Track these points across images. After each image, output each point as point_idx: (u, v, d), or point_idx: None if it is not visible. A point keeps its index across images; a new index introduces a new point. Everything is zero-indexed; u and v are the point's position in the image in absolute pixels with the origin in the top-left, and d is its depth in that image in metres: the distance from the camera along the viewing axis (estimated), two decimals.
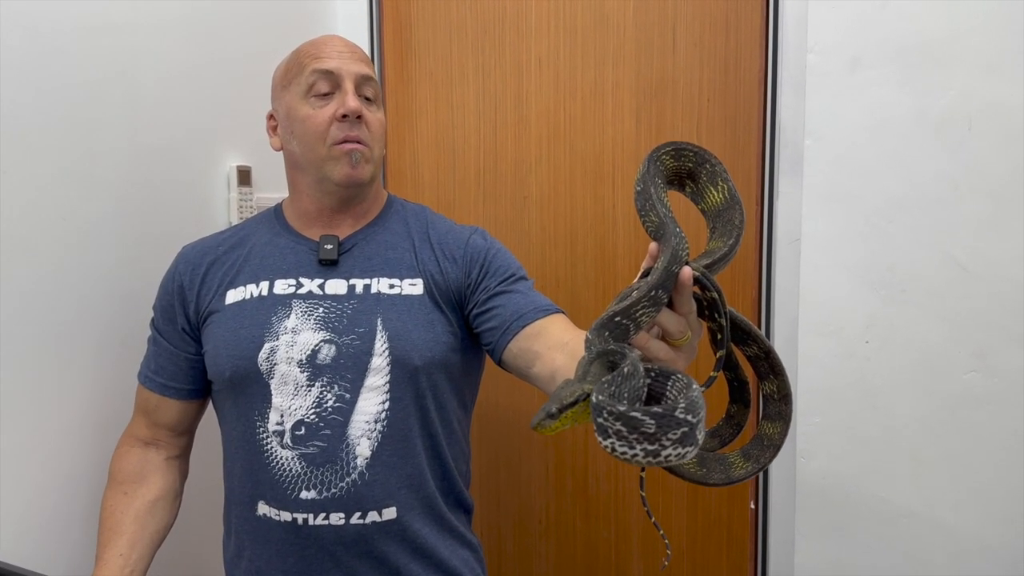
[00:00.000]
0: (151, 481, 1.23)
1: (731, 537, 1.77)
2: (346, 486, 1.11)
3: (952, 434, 1.45)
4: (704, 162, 0.85)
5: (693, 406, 0.63)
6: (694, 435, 0.63)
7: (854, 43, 1.46)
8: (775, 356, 0.91)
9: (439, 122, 1.87)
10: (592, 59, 1.78)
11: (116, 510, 1.19)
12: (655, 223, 0.79)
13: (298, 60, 1.20)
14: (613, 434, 0.64)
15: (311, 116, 1.16)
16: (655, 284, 0.73)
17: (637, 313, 0.74)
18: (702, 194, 0.86)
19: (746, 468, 0.93)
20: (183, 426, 1.27)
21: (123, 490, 1.21)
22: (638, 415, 0.62)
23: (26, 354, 1.13)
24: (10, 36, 1.09)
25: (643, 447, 0.63)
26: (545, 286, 1.83)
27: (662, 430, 0.62)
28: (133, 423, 1.27)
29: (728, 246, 0.81)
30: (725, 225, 0.83)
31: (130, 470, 1.22)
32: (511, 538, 1.91)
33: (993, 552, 1.42)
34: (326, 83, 1.17)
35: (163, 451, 1.26)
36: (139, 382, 1.25)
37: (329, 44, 1.20)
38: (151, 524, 1.20)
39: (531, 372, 1.09)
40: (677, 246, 0.74)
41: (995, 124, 1.38)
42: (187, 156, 1.47)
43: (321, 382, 1.12)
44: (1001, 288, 1.39)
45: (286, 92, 1.20)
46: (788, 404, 0.92)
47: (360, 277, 1.18)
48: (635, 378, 0.69)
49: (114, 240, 1.29)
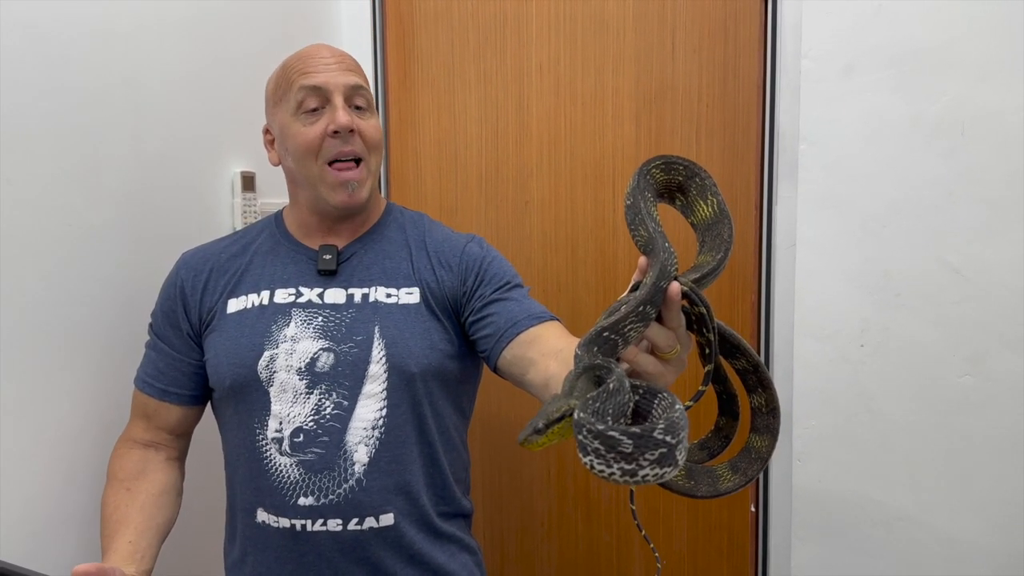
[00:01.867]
0: (153, 476, 1.23)
1: (732, 540, 1.80)
2: (344, 492, 1.13)
3: (946, 438, 1.47)
4: (694, 176, 0.86)
5: (673, 427, 0.64)
6: (673, 456, 0.64)
7: (848, 49, 1.49)
8: (763, 370, 0.92)
9: (441, 128, 1.92)
10: (592, 65, 1.82)
11: (120, 504, 1.18)
12: (644, 238, 0.80)
13: (286, 76, 1.21)
14: (592, 452, 0.65)
15: (302, 133, 1.18)
16: (643, 299, 0.75)
17: (625, 328, 0.76)
18: (692, 208, 0.87)
19: (734, 481, 0.95)
20: (182, 429, 1.29)
21: (125, 487, 1.21)
22: (615, 434, 0.63)
23: (31, 357, 1.16)
24: (15, 42, 1.12)
25: (620, 466, 0.64)
26: (546, 290, 1.88)
27: (639, 450, 0.63)
28: (130, 427, 1.28)
29: (717, 261, 0.82)
30: (714, 239, 0.85)
31: (131, 468, 1.23)
32: (513, 542, 1.95)
33: (987, 555, 1.44)
34: (315, 99, 1.18)
35: (163, 452, 1.27)
36: (136, 387, 1.27)
37: (315, 56, 1.21)
38: (157, 515, 1.19)
39: (525, 379, 1.11)
40: (666, 261, 0.76)
41: (989, 130, 1.41)
42: (191, 162, 1.51)
43: (319, 390, 1.15)
44: (996, 293, 1.41)
45: (278, 108, 1.22)
46: (776, 418, 0.94)
47: (358, 286, 1.21)
48: (620, 394, 0.70)
49: (119, 245, 1.32)
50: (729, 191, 1.74)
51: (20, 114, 1.14)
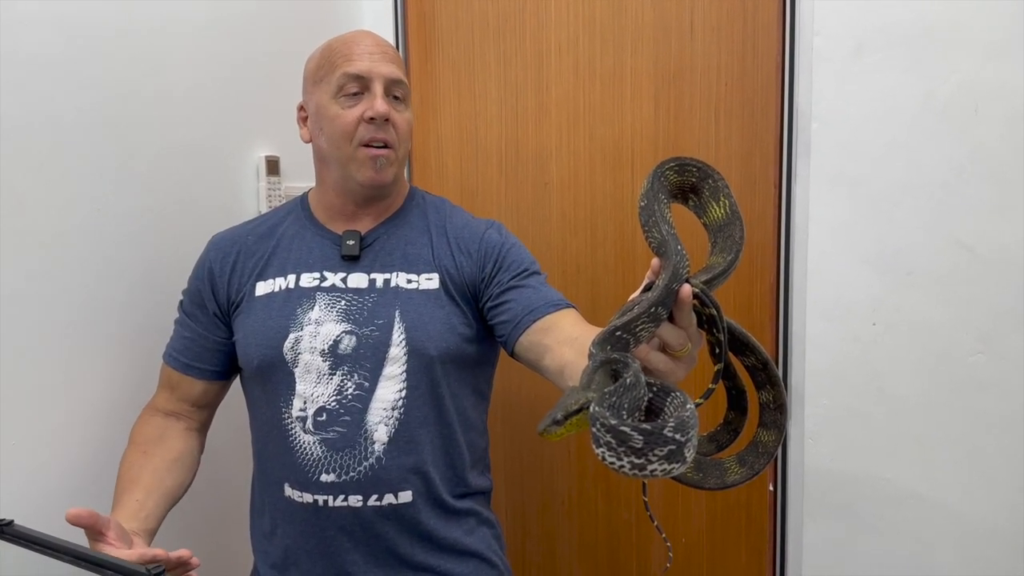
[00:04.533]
0: (170, 443, 1.29)
1: (750, 519, 1.85)
2: (364, 470, 1.20)
3: (957, 417, 1.49)
4: (707, 177, 0.90)
5: (683, 426, 0.68)
6: (682, 453, 0.68)
7: (860, 27, 1.50)
8: (772, 367, 0.97)
9: (462, 111, 1.98)
10: (611, 46, 1.86)
11: (134, 465, 1.24)
12: (658, 240, 0.84)
13: (329, 59, 1.27)
14: (604, 444, 0.70)
15: (340, 116, 1.24)
16: (655, 301, 0.79)
17: (637, 328, 0.80)
18: (704, 209, 0.91)
19: (740, 473, 1.00)
20: (204, 401, 1.36)
21: (142, 450, 1.27)
22: (627, 430, 0.68)
23: (63, 338, 1.25)
24: (48, 36, 1.20)
25: (630, 460, 0.68)
26: (566, 272, 1.93)
27: (649, 446, 0.67)
28: (156, 396, 1.36)
29: (727, 262, 0.86)
30: (726, 240, 0.88)
31: (150, 432, 1.29)
32: (535, 520, 2.01)
33: (998, 533, 1.46)
34: (356, 85, 1.24)
35: (183, 422, 1.34)
36: (163, 360, 1.35)
37: (360, 44, 1.26)
38: (168, 479, 1.24)
39: (541, 365, 1.16)
40: (678, 264, 0.79)
41: (1001, 108, 1.41)
42: (217, 147, 1.57)
43: (342, 371, 1.22)
44: (1007, 271, 1.42)
45: (317, 88, 1.28)
46: (783, 414, 0.99)
47: (380, 272, 1.27)
48: (636, 388, 0.74)
49: (148, 229, 1.40)
50: (748, 171, 1.78)
51: (53, 105, 1.22)
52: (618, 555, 1.96)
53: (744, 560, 1.86)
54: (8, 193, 1.16)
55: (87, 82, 1.29)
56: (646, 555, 1.94)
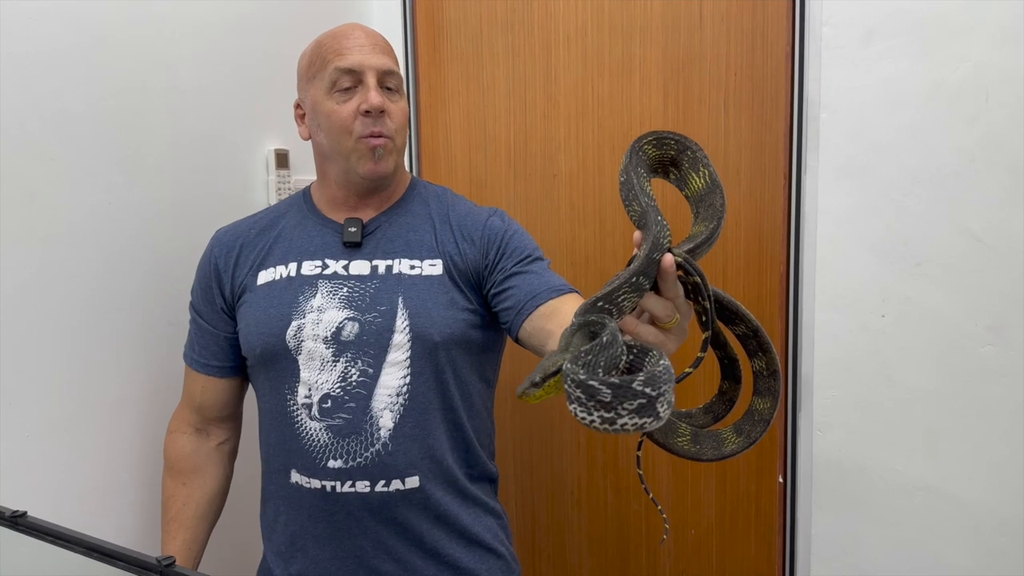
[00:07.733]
0: (208, 473, 1.40)
1: (759, 511, 1.86)
2: (371, 456, 1.22)
3: (967, 407, 1.49)
4: (685, 149, 0.91)
5: (653, 380, 0.69)
6: (653, 407, 0.69)
7: (869, 16, 1.50)
8: (763, 334, 0.98)
9: (470, 103, 2.00)
10: (619, 36, 1.87)
11: (177, 500, 1.37)
12: (638, 212, 0.86)
13: (320, 55, 1.29)
14: (575, 400, 0.71)
15: (335, 111, 1.27)
16: (636, 271, 0.80)
17: (619, 298, 0.81)
18: (685, 180, 0.92)
19: (737, 443, 1.01)
20: (228, 409, 1.41)
21: (181, 480, 1.37)
22: (595, 384, 0.69)
23: (75, 331, 1.28)
24: (61, 30, 1.23)
25: (599, 414, 0.69)
26: (575, 263, 1.95)
27: (617, 400, 0.68)
28: (181, 406, 1.41)
29: (709, 230, 0.87)
30: (707, 209, 0.89)
31: (186, 458, 1.39)
32: (544, 509, 2.03)
33: (1008, 524, 1.47)
34: (348, 79, 1.26)
35: (212, 438, 1.41)
36: (184, 361, 1.39)
37: (350, 38, 1.29)
38: (210, 516, 1.41)
39: (545, 350, 1.16)
40: (658, 234, 0.81)
41: (1012, 96, 1.41)
42: (226, 140, 1.61)
43: (345, 358, 1.24)
44: (1017, 261, 1.42)
45: (311, 85, 1.31)
46: (777, 380, 1.00)
47: (382, 258, 1.30)
48: (613, 347, 0.75)
49: (158, 222, 1.43)
50: (757, 161, 1.78)
51: (65, 97, 1.25)
52: (628, 545, 1.98)
53: (753, 551, 1.88)
54: (19, 186, 1.18)
55: (97, 76, 1.31)
56: (655, 545, 1.96)
